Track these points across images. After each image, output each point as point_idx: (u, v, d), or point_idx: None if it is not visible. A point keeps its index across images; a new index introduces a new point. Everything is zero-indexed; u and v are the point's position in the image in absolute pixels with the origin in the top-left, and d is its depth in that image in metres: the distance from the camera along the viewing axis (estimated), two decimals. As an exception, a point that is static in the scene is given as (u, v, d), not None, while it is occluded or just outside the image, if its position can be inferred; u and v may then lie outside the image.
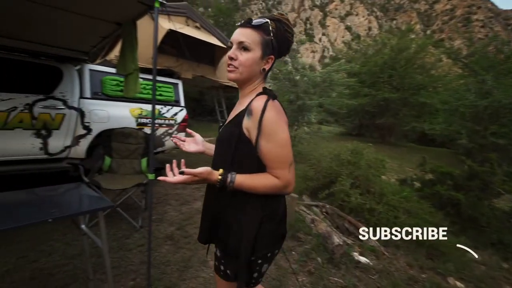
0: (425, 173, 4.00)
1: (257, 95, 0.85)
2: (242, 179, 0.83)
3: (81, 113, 3.40)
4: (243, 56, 0.84)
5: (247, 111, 0.83)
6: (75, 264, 1.97)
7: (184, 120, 4.52)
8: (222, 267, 0.95)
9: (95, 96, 3.55)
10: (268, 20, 0.84)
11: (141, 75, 2.51)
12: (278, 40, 0.86)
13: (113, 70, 3.82)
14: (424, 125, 10.79)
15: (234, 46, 0.85)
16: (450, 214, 3.31)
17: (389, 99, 11.83)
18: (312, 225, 2.70)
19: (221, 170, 0.84)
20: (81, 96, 3.43)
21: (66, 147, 3.36)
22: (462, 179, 3.60)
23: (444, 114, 9.24)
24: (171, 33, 3.92)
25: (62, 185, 1.85)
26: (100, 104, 3.54)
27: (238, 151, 0.85)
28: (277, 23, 0.85)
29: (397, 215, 2.72)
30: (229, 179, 0.82)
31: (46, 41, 3.08)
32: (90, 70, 3.60)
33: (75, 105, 3.35)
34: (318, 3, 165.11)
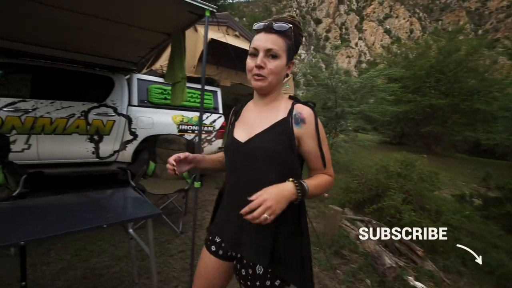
0: (489, 189, 3.51)
1: (293, 103, 0.86)
2: (310, 183, 0.81)
3: (129, 120, 3.61)
4: (272, 64, 0.81)
5: (294, 119, 0.82)
6: (121, 267, 2.02)
7: (222, 127, 4.58)
8: (268, 282, 0.83)
9: (142, 103, 3.75)
10: (291, 25, 0.82)
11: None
12: (296, 44, 0.86)
13: (158, 79, 4.04)
14: (479, 134, 9.67)
15: (261, 54, 0.81)
16: (524, 239, 2.83)
17: (436, 105, 10.87)
18: (358, 242, 2.49)
19: (291, 181, 0.77)
20: (129, 104, 3.65)
21: (115, 152, 3.59)
22: (538, 198, 3.08)
23: (504, 122, 8.19)
24: (211, 42, 4.02)
25: (111, 189, 1.94)
26: (146, 111, 3.73)
27: (289, 159, 0.83)
28: (293, 27, 0.84)
29: (458, 236, 2.39)
30: (306, 187, 0.78)
31: (101, 53, 3.35)
32: (138, 79, 3.83)
33: (124, 112, 3.57)
34: (354, 7, 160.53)
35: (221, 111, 4.68)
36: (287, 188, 0.75)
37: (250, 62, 0.83)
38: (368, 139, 7.87)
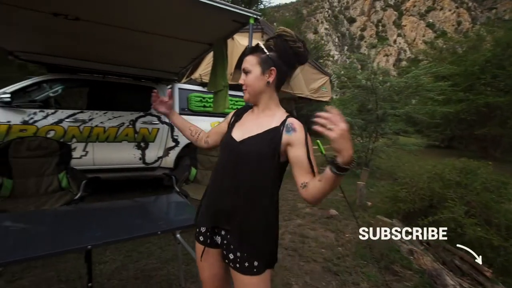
0: None
1: (288, 116, 0.98)
2: None
3: (171, 127, 3.79)
4: (247, 78, 0.99)
5: (286, 128, 0.94)
6: (169, 270, 2.09)
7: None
8: (256, 263, 0.94)
9: (182, 111, 3.92)
10: (259, 42, 1.02)
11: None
12: (280, 53, 0.96)
13: (197, 88, 4.19)
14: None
15: (242, 74, 1.00)
16: None
17: (493, 104, 9.70)
18: (412, 257, 2.27)
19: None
20: (172, 112, 3.83)
21: (159, 158, 3.79)
22: None
23: None
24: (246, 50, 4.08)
25: (158, 195, 2.03)
26: (186, 119, 3.88)
27: (273, 161, 0.94)
28: (276, 39, 0.96)
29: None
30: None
31: (147, 66, 3.57)
32: (179, 88, 4.01)
33: (167, 120, 3.75)
34: (392, 2, 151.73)
35: (257, 116, 4.70)
36: (351, 149, 0.74)
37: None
38: (413, 142, 7.26)
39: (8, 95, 2.83)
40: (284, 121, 0.97)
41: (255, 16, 1.64)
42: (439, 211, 2.44)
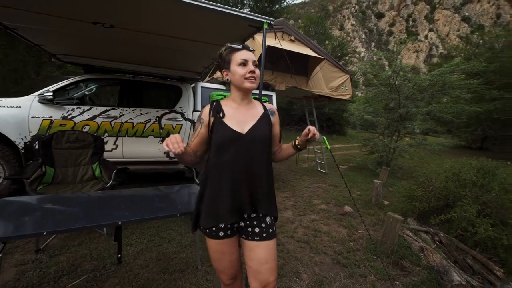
0: None
1: (262, 102, 1.24)
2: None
3: (193, 124, 4.02)
4: (258, 71, 1.11)
5: (269, 111, 1.20)
6: (187, 254, 2.29)
7: (276, 130, 4.71)
8: (273, 228, 1.15)
9: (204, 109, 4.14)
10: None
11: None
12: None
13: (219, 86, 4.39)
14: None
15: (250, 64, 1.10)
16: None
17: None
18: (422, 254, 2.29)
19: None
20: (194, 109, 4.06)
21: (181, 152, 4.04)
22: None
23: None
24: (267, 49, 4.18)
25: (179, 185, 2.22)
26: (207, 116, 4.10)
27: (270, 139, 1.18)
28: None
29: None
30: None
31: (173, 66, 3.82)
32: (202, 87, 4.23)
33: (190, 117, 4.00)
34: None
35: (275, 114, 4.81)
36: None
37: (241, 70, 1.09)
38: (438, 142, 6.98)
39: (51, 94, 3.19)
40: (264, 106, 1.22)
41: (268, 21, 1.77)
42: (452, 210, 2.42)
